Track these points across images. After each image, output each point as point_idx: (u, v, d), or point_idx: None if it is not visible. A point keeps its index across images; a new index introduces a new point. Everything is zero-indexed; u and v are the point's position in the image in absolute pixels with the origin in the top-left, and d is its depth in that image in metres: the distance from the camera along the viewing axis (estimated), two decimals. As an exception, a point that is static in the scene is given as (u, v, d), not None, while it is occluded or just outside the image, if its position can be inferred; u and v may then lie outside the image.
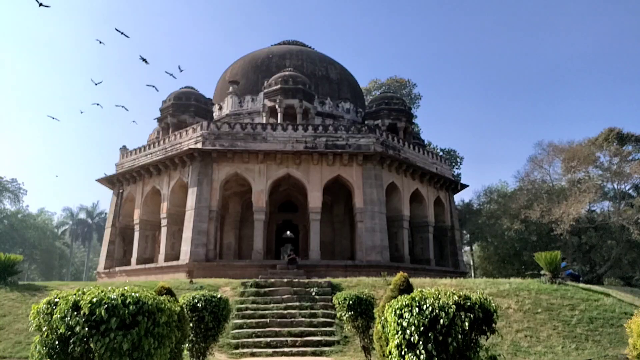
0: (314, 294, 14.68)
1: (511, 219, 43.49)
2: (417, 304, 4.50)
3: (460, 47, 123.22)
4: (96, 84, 19.16)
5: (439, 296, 4.55)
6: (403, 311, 4.56)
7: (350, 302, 9.89)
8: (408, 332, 4.40)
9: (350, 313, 9.85)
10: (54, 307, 3.94)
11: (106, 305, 3.83)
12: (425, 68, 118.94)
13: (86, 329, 3.73)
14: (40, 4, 18.49)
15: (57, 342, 3.81)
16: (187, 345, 9.16)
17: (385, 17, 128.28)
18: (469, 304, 4.43)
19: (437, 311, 4.32)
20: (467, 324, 4.23)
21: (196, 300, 9.14)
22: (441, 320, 4.26)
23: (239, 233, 27.70)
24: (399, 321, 4.53)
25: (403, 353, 4.43)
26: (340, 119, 30.01)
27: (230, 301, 13.80)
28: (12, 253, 50.26)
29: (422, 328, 4.32)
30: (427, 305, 4.41)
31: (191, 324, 9.06)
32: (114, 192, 28.66)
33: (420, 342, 4.30)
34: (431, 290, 4.78)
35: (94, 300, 3.86)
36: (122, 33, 18.55)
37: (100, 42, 20.62)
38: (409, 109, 30.01)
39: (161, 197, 25.54)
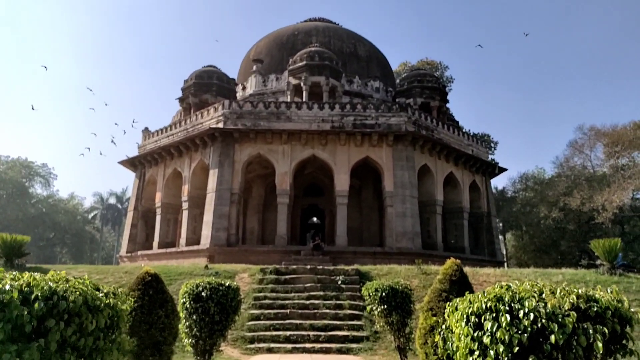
0: (340, 282, 13.01)
1: (549, 207, 40.86)
2: (508, 308, 2.72)
3: (493, 27, 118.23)
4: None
5: (543, 296, 2.75)
6: (483, 319, 2.79)
7: (384, 293, 8.10)
8: (492, 353, 2.64)
9: (382, 307, 8.08)
10: None
11: (-10, 304, 2.26)
12: (457, 50, 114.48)
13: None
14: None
15: None
16: (190, 340, 7.69)
17: None
18: (595, 308, 2.64)
19: (543, 320, 2.52)
20: (600, 343, 2.47)
21: (200, 289, 7.56)
22: (552, 337, 2.46)
23: (262, 217, 26.30)
24: (475, 335, 2.78)
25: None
26: (369, 98, 28.02)
27: (247, 289, 12.29)
28: (45, 237, 50.89)
29: (517, 348, 2.55)
30: (526, 310, 2.64)
31: (194, 317, 7.56)
32: (136, 174, 27.65)
33: (514, 371, 2.52)
34: (525, 285, 2.95)
35: (-28, 293, 2.29)
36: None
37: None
38: (442, 86, 27.76)
39: (182, 179, 24.34)
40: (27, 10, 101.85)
